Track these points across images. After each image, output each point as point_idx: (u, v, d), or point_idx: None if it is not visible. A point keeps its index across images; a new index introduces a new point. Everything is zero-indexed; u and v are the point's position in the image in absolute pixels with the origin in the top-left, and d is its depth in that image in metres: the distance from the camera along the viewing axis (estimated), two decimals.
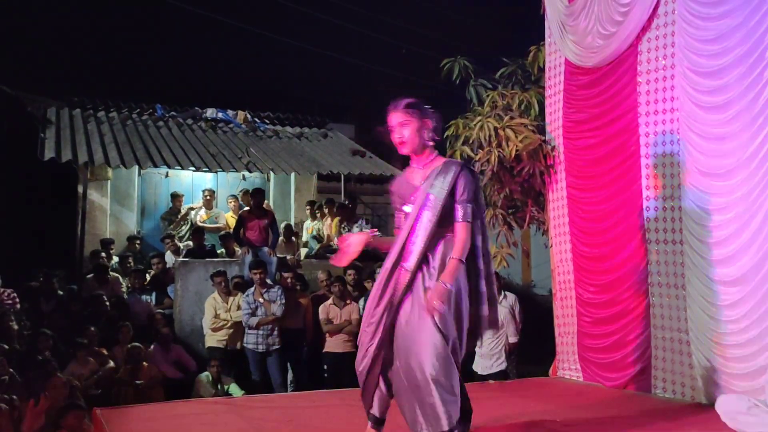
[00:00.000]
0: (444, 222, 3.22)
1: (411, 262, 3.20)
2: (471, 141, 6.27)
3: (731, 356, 4.30)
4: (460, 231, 3.20)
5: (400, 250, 3.24)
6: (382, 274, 3.28)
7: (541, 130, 6.08)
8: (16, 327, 6.93)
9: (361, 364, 3.25)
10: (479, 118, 6.26)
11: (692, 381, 4.65)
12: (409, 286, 3.19)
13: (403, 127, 3.26)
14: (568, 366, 5.76)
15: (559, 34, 5.77)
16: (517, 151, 5.89)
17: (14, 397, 5.25)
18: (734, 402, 3.79)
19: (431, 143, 3.31)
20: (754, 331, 4.16)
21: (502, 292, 7.25)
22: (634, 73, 5.08)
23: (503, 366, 6.83)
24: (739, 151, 4.27)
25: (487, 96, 6.59)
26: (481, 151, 6.13)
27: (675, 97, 4.78)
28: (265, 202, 10.05)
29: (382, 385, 3.29)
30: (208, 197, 10.83)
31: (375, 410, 3.34)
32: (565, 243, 5.77)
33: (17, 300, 7.66)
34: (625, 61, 5.15)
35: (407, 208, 3.30)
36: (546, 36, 6.13)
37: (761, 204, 4.14)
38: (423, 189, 3.26)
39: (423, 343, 3.07)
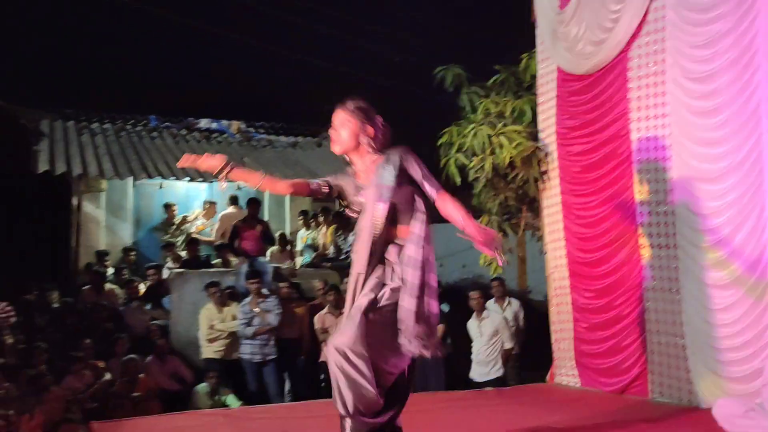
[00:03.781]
0: (398, 217, 3.07)
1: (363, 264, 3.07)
2: (465, 148, 6.30)
3: (727, 360, 4.32)
4: (447, 201, 3.05)
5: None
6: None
7: (534, 136, 6.10)
8: (11, 341, 6.89)
9: None
10: (472, 125, 6.29)
11: (689, 385, 4.66)
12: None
13: (342, 126, 3.16)
14: (565, 372, 5.76)
15: (551, 42, 5.80)
16: (510, 157, 5.92)
17: (10, 411, 5.21)
18: (731, 406, 3.78)
19: (369, 149, 3.15)
20: (749, 333, 4.19)
21: (506, 299, 7.29)
22: (625, 80, 5.11)
23: (500, 373, 6.83)
24: (731, 155, 4.31)
25: (480, 103, 6.62)
26: (475, 158, 6.17)
27: (666, 103, 4.81)
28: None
29: None
30: (209, 208, 10.79)
31: None
32: (560, 249, 5.79)
33: (12, 313, 7.61)
34: (615, 67, 5.18)
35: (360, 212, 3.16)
36: (537, 43, 6.16)
37: (753, 208, 4.17)
38: (372, 184, 3.10)
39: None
